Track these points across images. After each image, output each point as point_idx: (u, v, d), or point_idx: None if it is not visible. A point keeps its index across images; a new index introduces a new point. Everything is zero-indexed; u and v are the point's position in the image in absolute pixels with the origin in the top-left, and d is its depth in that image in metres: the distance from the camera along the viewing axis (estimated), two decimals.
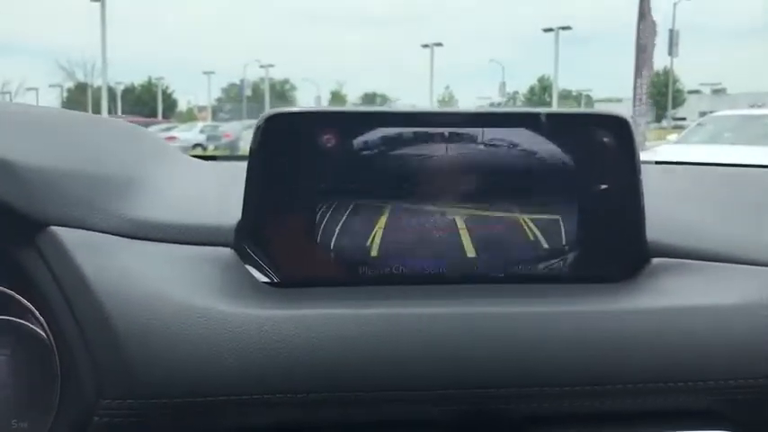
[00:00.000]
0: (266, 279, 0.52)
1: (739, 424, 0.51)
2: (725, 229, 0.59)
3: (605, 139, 0.53)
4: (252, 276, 0.52)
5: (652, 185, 0.55)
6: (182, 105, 53.57)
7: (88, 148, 0.56)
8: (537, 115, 0.53)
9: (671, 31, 23.93)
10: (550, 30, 31.74)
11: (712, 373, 0.49)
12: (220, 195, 0.57)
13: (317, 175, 0.52)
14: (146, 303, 0.46)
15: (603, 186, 0.54)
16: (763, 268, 0.54)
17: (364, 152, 0.53)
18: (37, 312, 0.49)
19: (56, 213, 0.48)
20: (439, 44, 39.09)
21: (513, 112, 0.55)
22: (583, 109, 0.60)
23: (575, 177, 0.53)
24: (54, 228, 0.48)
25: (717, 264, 0.55)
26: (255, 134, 0.51)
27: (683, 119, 32.34)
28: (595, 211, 0.54)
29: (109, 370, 0.45)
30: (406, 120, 0.52)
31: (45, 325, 0.48)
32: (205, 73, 44.90)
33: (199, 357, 0.45)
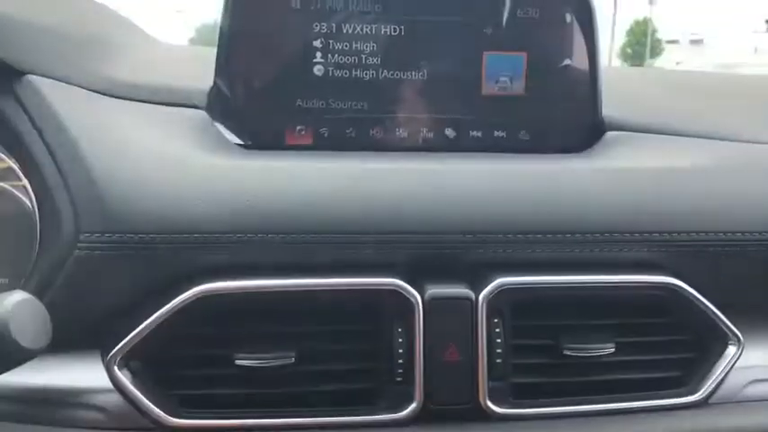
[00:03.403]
0: (238, 141, 0.54)
1: (680, 273, 0.54)
2: (676, 106, 0.63)
3: (566, 16, 0.56)
4: (223, 136, 0.54)
5: (611, 75, 0.58)
6: None
7: (70, 10, 0.59)
8: None
9: None
10: None
11: (658, 226, 0.53)
12: (195, 66, 0.58)
13: (290, 36, 0.53)
14: (121, 148, 0.49)
15: (564, 62, 0.57)
16: (713, 141, 0.59)
17: (337, 15, 0.53)
18: (14, 160, 0.51)
19: (35, 63, 0.50)
20: None
21: None
22: None
23: (537, 53, 0.56)
24: (32, 76, 0.50)
25: (668, 136, 0.59)
26: None
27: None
28: (554, 85, 0.57)
29: (86, 206, 0.48)
30: None
31: (22, 167, 0.50)
32: (177, 12, 43.69)
33: (168, 197, 0.48)
